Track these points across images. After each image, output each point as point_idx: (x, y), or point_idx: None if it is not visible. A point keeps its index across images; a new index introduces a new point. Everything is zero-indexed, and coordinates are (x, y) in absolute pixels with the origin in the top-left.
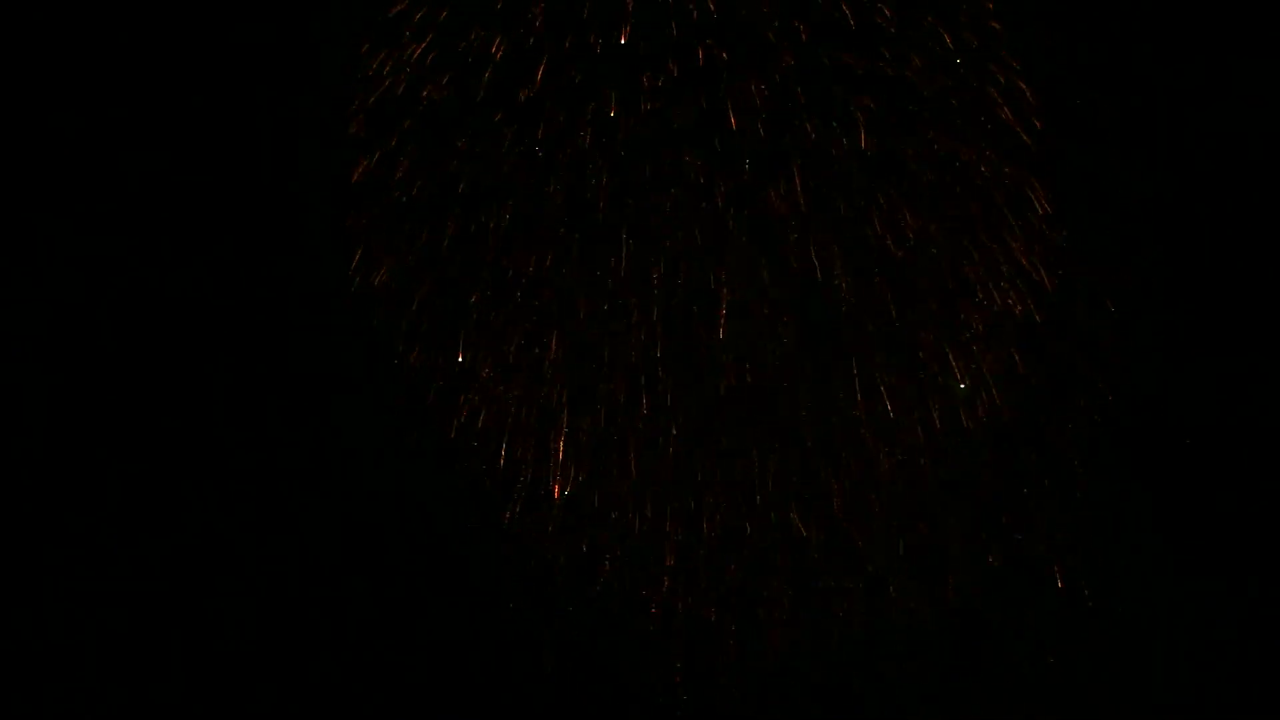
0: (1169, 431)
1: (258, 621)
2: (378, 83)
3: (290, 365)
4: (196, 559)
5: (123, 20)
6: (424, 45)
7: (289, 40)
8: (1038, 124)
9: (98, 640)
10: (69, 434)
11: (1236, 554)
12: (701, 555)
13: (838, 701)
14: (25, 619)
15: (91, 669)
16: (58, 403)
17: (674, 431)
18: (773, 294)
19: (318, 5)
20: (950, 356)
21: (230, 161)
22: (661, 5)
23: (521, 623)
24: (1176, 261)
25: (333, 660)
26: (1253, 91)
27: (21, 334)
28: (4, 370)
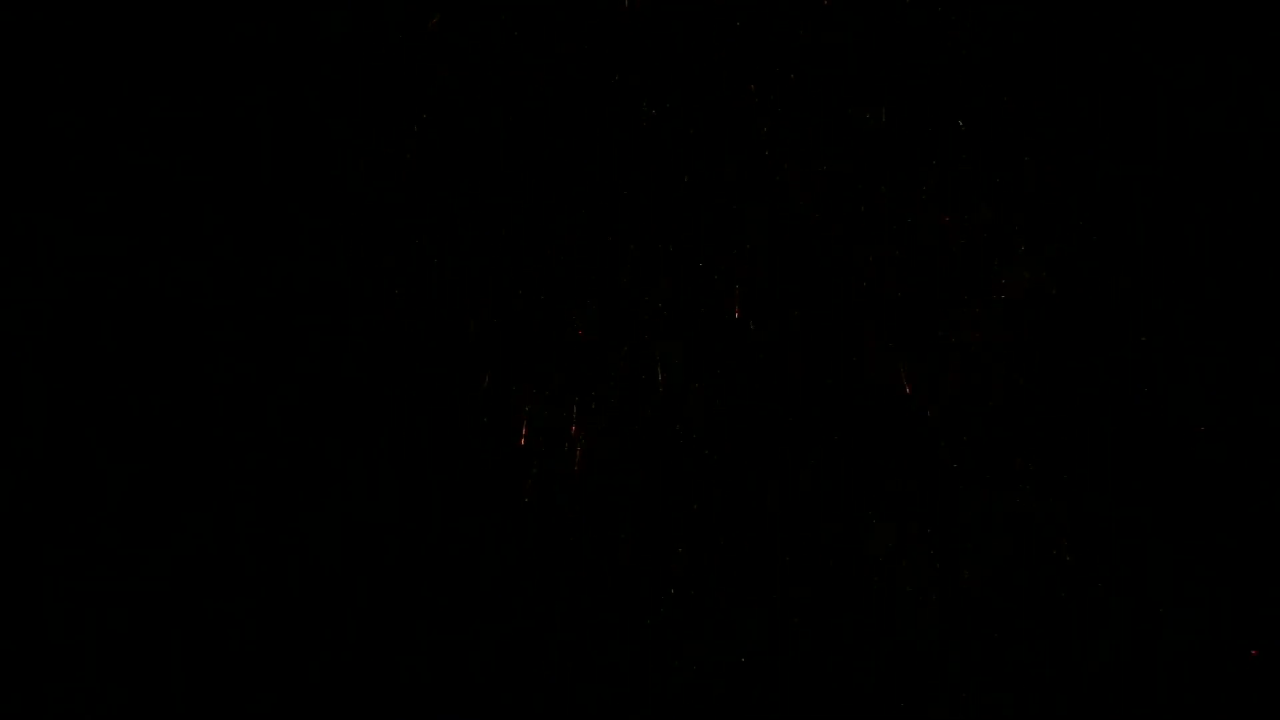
0: (1174, 430)
1: (258, 621)
2: (381, 82)
3: (292, 365)
4: (196, 559)
5: (122, 20)
6: (428, 44)
7: (289, 40)
8: (1044, 120)
9: (98, 640)
10: (69, 434)
11: (1239, 554)
12: (711, 548)
13: (839, 701)
14: (25, 619)
15: (92, 669)
16: (58, 403)
17: (687, 422)
18: (787, 277)
19: (318, 5)
20: (966, 337)
21: (230, 161)
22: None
23: (524, 622)
24: (1177, 261)
25: (333, 660)
26: (1253, 91)
27: (21, 334)
28: (4, 370)
